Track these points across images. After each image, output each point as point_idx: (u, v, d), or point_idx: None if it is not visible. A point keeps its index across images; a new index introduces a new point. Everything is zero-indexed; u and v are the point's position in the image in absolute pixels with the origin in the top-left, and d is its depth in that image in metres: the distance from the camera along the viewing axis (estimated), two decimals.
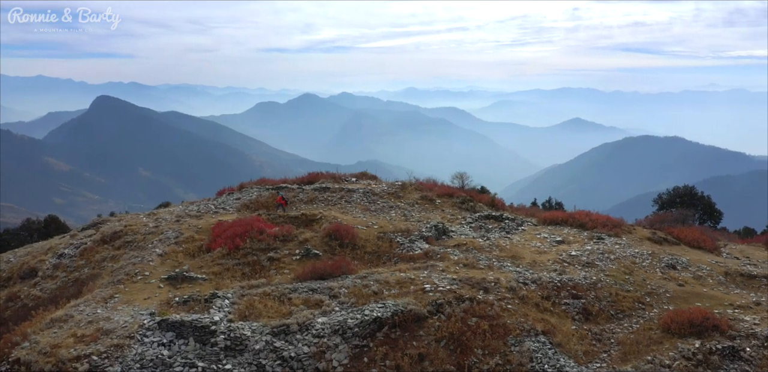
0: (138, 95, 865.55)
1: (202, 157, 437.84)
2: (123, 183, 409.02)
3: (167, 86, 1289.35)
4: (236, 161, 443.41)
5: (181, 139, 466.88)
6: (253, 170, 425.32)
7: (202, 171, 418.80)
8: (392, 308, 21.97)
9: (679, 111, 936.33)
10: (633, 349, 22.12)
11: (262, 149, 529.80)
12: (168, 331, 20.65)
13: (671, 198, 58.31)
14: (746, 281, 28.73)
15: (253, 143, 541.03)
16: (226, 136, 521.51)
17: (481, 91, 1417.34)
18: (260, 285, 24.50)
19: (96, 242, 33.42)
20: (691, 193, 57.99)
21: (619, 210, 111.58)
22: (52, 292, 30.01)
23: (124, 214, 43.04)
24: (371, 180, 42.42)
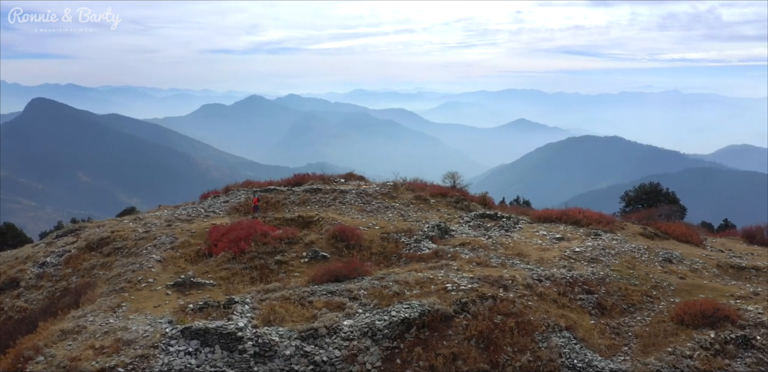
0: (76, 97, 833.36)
1: (145, 161, 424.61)
2: (61, 189, 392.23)
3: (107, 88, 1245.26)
4: (181, 165, 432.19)
5: (124, 142, 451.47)
6: (199, 174, 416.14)
7: (146, 175, 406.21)
8: (419, 308, 21.79)
9: (617, 111, 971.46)
10: (652, 342, 22.68)
11: (208, 152, 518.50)
12: (192, 339, 19.85)
13: (638, 195, 60.23)
14: (737, 273, 29.94)
15: (199, 146, 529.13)
16: (170, 139, 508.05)
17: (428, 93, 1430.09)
18: (276, 289, 23.87)
19: (81, 249, 31.86)
20: (656, 189, 60.06)
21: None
22: (39, 302, 28.44)
23: (107, 219, 41.18)
24: (359, 180, 42.06)
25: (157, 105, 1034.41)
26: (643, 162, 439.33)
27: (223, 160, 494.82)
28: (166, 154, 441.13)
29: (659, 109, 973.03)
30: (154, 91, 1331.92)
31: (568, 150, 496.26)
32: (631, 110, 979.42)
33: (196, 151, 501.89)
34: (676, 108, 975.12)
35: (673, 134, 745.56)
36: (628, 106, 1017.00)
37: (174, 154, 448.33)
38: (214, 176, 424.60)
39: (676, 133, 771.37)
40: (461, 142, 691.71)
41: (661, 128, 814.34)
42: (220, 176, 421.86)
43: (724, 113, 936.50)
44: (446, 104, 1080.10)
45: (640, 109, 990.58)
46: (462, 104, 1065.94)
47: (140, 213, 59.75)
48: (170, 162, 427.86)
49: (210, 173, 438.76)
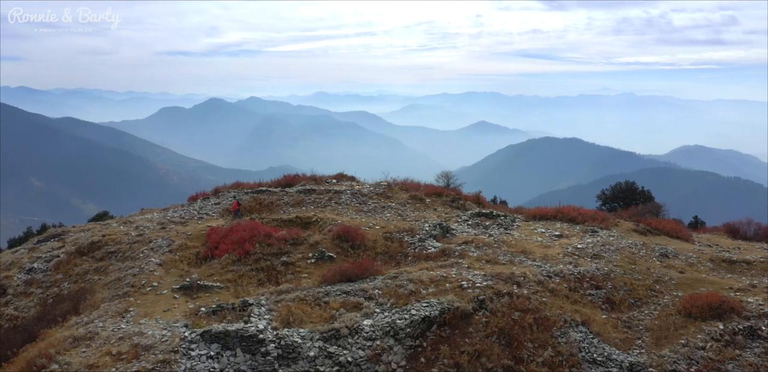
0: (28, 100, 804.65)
1: (101, 166, 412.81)
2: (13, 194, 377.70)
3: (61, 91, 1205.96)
4: (139, 169, 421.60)
5: (78, 146, 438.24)
6: (158, 178, 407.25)
7: (103, 180, 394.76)
8: (438, 307, 21.70)
9: (576, 114, 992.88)
10: (663, 335, 23.11)
11: (167, 156, 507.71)
12: (212, 343, 19.30)
13: (614, 193, 61.47)
14: (729, 266, 30.76)
15: (157, 150, 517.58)
16: (127, 142, 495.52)
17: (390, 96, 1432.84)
18: (289, 290, 23.43)
19: (71, 254, 30.70)
20: (632, 188, 61.39)
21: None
22: (31, 310, 27.26)
23: (90, 224, 39.81)
24: (351, 181, 41.73)
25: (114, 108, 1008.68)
26: (601, 162, 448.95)
27: (183, 164, 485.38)
28: (123, 159, 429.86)
29: (616, 111, 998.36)
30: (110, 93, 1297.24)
31: (529, 151, 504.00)
32: (588, 112, 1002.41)
33: (155, 155, 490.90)
34: (631, 110, 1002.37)
35: (629, 135, 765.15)
36: (586, 109, 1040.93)
37: (132, 159, 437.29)
38: (174, 181, 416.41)
39: (632, 134, 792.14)
40: (423, 144, 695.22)
41: (617, 130, 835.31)
42: (180, 180, 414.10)
43: (677, 115, 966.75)
44: (408, 107, 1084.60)
45: (597, 111, 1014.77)
46: (424, 107, 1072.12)
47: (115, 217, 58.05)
48: (128, 166, 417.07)
49: (170, 177, 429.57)
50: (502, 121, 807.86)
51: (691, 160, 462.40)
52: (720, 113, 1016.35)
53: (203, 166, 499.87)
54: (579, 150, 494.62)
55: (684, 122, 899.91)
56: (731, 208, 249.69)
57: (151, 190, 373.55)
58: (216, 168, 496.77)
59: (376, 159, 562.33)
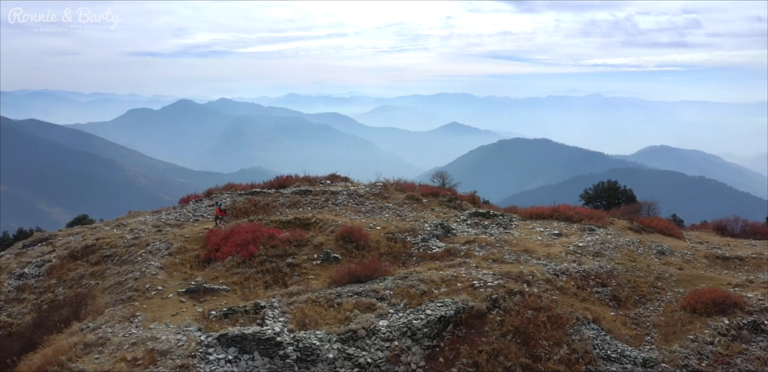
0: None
1: (68, 169, 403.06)
2: None
3: (24, 92, 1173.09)
4: (107, 172, 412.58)
5: (43, 149, 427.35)
6: (126, 181, 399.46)
7: (69, 184, 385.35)
8: (453, 306, 21.64)
9: (545, 114, 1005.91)
10: (671, 330, 23.46)
11: (135, 158, 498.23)
12: (229, 347, 18.91)
13: (597, 192, 62.32)
14: (723, 263, 31.42)
15: (125, 152, 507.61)
16: (94, 145, 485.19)
17: (362, 97, 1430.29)
18: (300, 292, 23.13)
19: (64, 259, 29.84)
20: (614, 187, 62.32)
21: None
22: (25, 316, 26.40)
23: (78, 227, 38.78)
24: (344, 181, 41.45)
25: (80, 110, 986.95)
26: (570, 163, 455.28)
27: (152, 167, 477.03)
28: (90, 161, 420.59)
29: (584, 112, 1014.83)
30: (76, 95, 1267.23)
31: (500, 152, 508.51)
32: (557, 113, 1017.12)
33: (123, 157, 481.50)
34: (599, 111, 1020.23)
35: (598, 136, 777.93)
36: (555, 110, 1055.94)
37: (99, 161, 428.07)
38: (143, 183, 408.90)
39: (600, 134, 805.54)
40: (395, 146, 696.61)
41: (586, 130, 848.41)
42: (150, 183, 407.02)
43: (643, 116, 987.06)
44: (380, 108, 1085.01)
45: (566, 112, 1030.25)
46: (395, 108, 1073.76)
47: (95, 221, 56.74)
48: (95, 169, 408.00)
49: (138, 180, 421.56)
50: (474, 122, 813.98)
51: (658, 160, 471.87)
52: (684, 114, 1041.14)
53: (173, 168, 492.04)
54: (549, 150, 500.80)
55: (650, 123, 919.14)
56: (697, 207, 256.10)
57: (119, 193, 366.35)
58: (186, 170, 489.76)
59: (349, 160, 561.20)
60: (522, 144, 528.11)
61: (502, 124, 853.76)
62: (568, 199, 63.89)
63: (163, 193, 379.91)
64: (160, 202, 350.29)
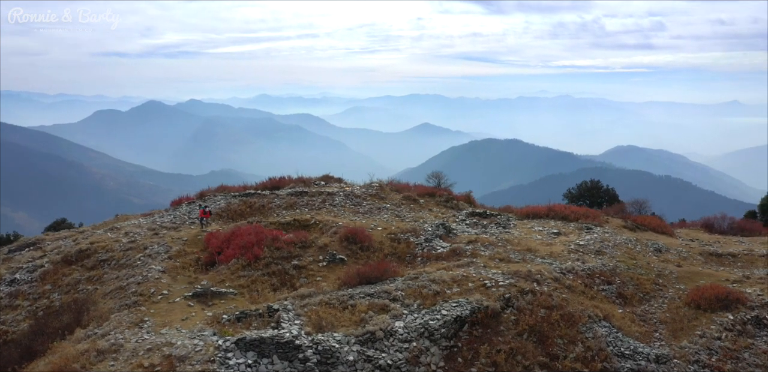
0: None
1: (33, 172, 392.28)
2: None
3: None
4: (74, 175, 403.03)
5: (7, 152, 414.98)
6: (94, 184, 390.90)
7: (34, 187, 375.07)
8: (468, 306, 21.59)
9: (515, 115, 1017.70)
10: (678, 327, 23.81)
11: (103, 161, 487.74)
12: (248, 351, 18.54)
13: (580, 192, 63.15)
14: (717, 259, 32.06)
15: (92, 154, 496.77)
16: (60, 147, 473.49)
17: (333, 98, 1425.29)
18: (312, 294, 22.84)
19: (57, 263, 29.01)
20: (597, 186, 63.25)
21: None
22: (20, 324, 25.54)
23: (64, 231, 37.67)
24: (338, 182, 41.14)
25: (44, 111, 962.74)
26: (540, 163, 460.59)
27: (120, 169, 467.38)
28: (55, 164, 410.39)
29: (553, 113, 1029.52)
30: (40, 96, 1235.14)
31: (471, 153, 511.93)
32: (528, 114, 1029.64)
33: (90, 159, 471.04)
34: (568, 112, 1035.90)
35: (567, 136, 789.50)
36: (525, 110, 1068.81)
37: (64, 164, 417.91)
38: (111, 186, 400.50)
39: (569, 135, 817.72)
40: (367, 147, 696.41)
41: (555, 131, 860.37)
42: (118, 186, 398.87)
43: (611, 116, 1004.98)
44: (352, 109, 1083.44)
45: (536, 112, 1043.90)
46: (367, 109, 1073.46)
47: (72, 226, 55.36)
48: (61, 172, 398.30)
49: (106, 183, 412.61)
50: (445, 122, 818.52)
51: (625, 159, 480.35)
52: (651, 115, 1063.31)
53: (141, 170, 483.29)
54: (519, 151, 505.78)
55: (618, 123, 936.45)
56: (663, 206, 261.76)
57: (87, 196, 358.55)
58: (155, 172, 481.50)
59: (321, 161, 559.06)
60: (493, 144, 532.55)
61: (473, 125, 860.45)
62: (540, 199, 64.48)
63: (132, 195, 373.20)
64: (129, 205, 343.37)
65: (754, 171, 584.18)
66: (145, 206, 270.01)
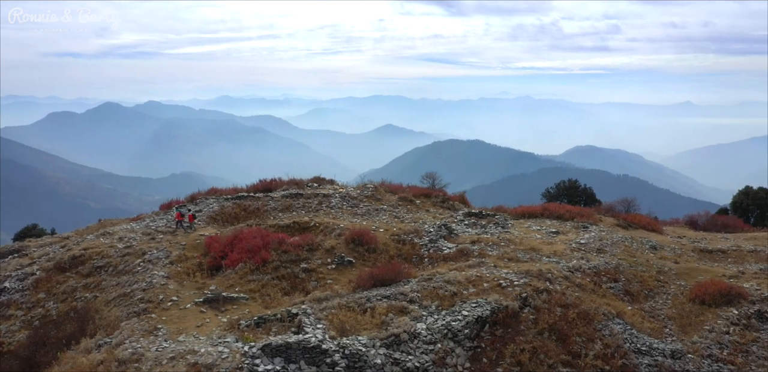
0: None
1: None
2: None
3: None
4: (27, 179, 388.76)
5: None
6: (48, 188, 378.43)
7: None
8: (487, 306, 21.58)
9: (477, 116, 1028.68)
10: (686, 322, 24.31)
11: (58, 164, 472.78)
12: (275, 357, 18.14)
13: (558, 191, 64.15)
14: (709, 255, 32.89)
15: (46, 158, 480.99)
16: (11, 150, 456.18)
17: (296, 99, 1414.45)
18: (328, 297, 22.48)
19: (49, 271, 27.89)
20: (574, 186, 64.36)
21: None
22: (16, 334, 24.42)
23: (47, 237, 36.23)
24: (329, 184, 40.75)
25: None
26: (502, 163, 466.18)
27: (76, 173, 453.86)
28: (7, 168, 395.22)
29: (514, 114, 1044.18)
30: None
31: (434, 154, 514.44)
32: (489, 115, 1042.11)
33: (44, 163, 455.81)
34: (528, 112, 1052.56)
35: (528, 137, 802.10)
36: (487, 111, 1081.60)
37: (17, 168, 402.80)
38: (67, 190, 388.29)
39: (530, 135, 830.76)
40: (331, 148, 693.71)
41: (516, 131, 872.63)
42: (74, 190, 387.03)
43: (570, 117, 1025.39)
44: (314, 110, 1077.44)
45: (497, 113, 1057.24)
46: (330, 110, 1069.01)
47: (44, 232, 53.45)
48: (12, 176, 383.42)
49: (61, 187, 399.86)
50: (408, 124, 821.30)
51: (584, 159, 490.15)
52: (608, 115, 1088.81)
53: (99, 174, 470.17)
54: (482, 151, 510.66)
55: (576, 124, 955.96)
56: None
57: (41, 201, 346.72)
58: (113, 176, 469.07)
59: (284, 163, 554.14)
60: (456, 145, 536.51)
61: (436, 126, 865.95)
62: (503, 198, 64.84)
63: (89, 200, 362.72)
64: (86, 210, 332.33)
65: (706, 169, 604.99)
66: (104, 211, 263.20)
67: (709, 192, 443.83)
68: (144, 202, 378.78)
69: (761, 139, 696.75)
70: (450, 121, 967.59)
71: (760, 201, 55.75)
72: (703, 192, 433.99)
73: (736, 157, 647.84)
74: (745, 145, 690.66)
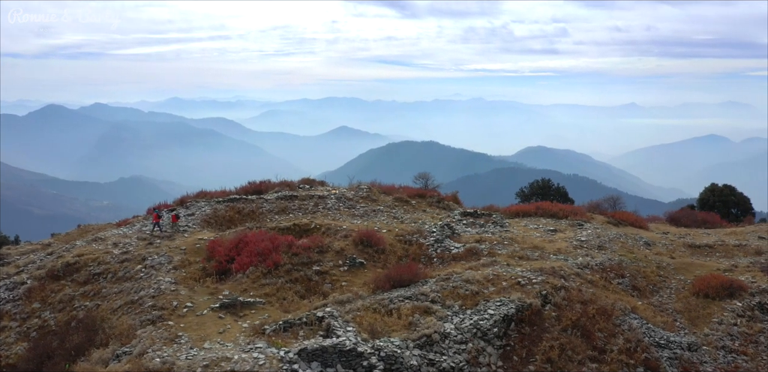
0: None
1: None
2: None
3: None
4: None
5: None
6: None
7: None
8: (511, 305, 21.63)
9: (431, 118, 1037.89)
10: (694, 315, 25.01)
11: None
12: (312, 361, 17.77)
13: (532, 190, 65.16)
14: (698, 250, 33.92)
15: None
16: None
17: (249, 101, 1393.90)
18: (350, 300, 22.13)
19: (41, 279, 26.54)
20: (547, 185, 65.51)
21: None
22: (12, 347, 23.13)
23: (26, 243, 34.44)
24: (320, 185, 40.17)
25: None
26: (457, 164, 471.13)
27: (17, 178, 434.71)
28: None
29: (467, 115, 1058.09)
30: None
31: (390, 155, 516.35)
32: (443, 116, 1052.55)
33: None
34: (481, 114, 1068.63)
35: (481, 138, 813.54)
36: (441, 113, 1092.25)
37: None
38: (8, 196, 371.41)
39: (483, 136, 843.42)
40: (285, 150, 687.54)
41: (470, 132, 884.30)
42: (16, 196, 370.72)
43: (521, 118, 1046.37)
44: (268, 113, 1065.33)
45: (451, 115, 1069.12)
46: (284, 112, 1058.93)
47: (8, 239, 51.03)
48: None
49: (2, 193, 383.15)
50: (363, 125, 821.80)
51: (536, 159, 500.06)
52: (557, 116, 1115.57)
53: (42, 179, 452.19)
54: (436, 153, 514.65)
55: (527, 125, 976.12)
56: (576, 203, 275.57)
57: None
58: (58, 181, 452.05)
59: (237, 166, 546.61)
60: (411, 147, 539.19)
61: (390, 128, 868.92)
62: (461, 198, 65.34)
63: (32, 206, 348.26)
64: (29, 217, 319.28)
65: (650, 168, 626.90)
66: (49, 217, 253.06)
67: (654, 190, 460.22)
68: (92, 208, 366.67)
69: (702, 139, 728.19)
70: (404, 123, 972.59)
71: (725, 197, 57.99)
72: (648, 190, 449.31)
73: (679, 156, 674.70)
74: (687, 144, 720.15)
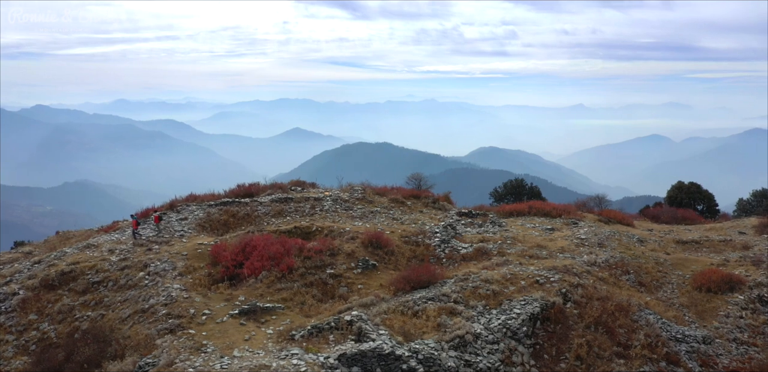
0: None
1: None
2: None
3: None
4: None
5: None
6: None
7: None
8: (536, 304, 21.69)
9: (384, 119, 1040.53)
10: (700, 309, 25.63)
11: None
12: (352, 366, 17.39)
13: (506, 190, 65.97)
14: (686, 246, 34.86)
15: None
16: None
17: (199, 103, 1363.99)
18: (374, 302, 21.72)
19: (35, 289, 25.10)
20: (521, 185, 66.47)
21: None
22: (11, 361, 21.76)
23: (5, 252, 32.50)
24: (311, 188, 39.47)
25: None
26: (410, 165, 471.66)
27: None
28: None
29: (420, 116, 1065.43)
30: None
31: (344, 157, 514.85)
32: (396, 117, 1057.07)
33: None
34: (434, 115, 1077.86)
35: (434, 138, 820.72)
36: (394, 114, 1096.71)
37: None
38: None
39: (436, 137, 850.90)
40: (237, 153, 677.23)
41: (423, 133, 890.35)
42: None
43: (473, 119, 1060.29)
44: (219, 114, 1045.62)
45: (404, 116, 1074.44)
46: (236, 114, 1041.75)
47: None
48: None
49: None
50: (316, 127, 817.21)
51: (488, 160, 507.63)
52: (508, 117, 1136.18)
53: None
54: (390, 154, 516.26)
55: (479, 126, 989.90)
56: None
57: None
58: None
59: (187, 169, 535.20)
60: (364, 148, 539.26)
61: (344, 129, 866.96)
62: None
63: None
64: None
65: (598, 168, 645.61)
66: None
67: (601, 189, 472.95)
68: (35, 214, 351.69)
69: (646, 139, 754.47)
70: (358, 124, 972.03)
71: (693, 195, 60.08)
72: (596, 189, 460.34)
73: (624, 155, 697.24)
74: (632, 144, 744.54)
